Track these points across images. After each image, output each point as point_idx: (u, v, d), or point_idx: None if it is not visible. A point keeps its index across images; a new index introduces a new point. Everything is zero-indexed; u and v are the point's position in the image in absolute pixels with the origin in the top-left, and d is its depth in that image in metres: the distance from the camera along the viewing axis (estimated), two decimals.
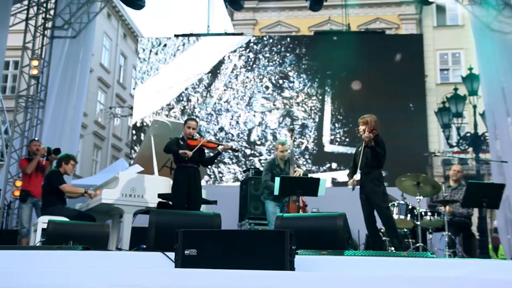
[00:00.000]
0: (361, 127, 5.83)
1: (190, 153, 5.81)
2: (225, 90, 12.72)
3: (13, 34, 9.41)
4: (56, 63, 9.43)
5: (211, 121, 12.59)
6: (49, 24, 9.72)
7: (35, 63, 9.14)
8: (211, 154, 6.46)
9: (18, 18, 9.70)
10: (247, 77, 12.76)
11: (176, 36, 12.93)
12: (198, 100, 12.72)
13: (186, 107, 12.68)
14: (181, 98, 12.74)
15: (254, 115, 12.55)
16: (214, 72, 12.80)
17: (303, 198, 6.45)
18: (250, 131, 12.48)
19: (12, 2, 9.26)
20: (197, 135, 6.06)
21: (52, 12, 9.69)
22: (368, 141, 5.63)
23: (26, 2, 9.75)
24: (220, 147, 6.09)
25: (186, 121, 6.07)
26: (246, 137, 12.42)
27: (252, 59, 12.84)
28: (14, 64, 16.75)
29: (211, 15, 12.49)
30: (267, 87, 12.71)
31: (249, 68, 12.78)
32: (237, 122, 12.56)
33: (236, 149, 6.24)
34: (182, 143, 5.95)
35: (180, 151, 5.79)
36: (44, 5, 9.65)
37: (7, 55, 9.15)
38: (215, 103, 12.66)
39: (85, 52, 9.84)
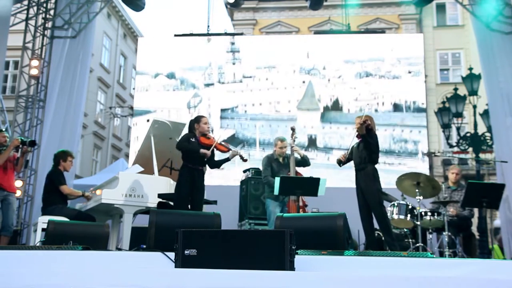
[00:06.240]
0: (356, 126, 5.86)
1: (209, 153, 5.80)
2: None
3: (13, 34, 9.37)
4: (56, 63, 9.40)
5: None
6: (49, 24, 9.69)
7: (35, 63, 9.13)
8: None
9: (18, 18, 9.67)
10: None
11: (176, 36, 12.90)
12: None
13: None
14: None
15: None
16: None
17: (303, 198, 6.45)
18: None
19: (12, 2, 9.24)
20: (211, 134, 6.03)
21: (52, 12, 9.67)
22: (359, 129, 5.68)
23: (26, 2, 9.73)
24: (229, 152, 6.02)
25: (201, 118, 6.00)
26: None
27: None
28: (14, 64, 16.75)
29: (211, 15, 12.49)
30: None
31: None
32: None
33: (245, 158, 6.06)
34: (193, 140, 5.89)
35: (201, 151, 5.74)
36: (44, 5, 9.63)
37: (7, 55, 9.12)
38: None
39: (85, 52, 9.81)
